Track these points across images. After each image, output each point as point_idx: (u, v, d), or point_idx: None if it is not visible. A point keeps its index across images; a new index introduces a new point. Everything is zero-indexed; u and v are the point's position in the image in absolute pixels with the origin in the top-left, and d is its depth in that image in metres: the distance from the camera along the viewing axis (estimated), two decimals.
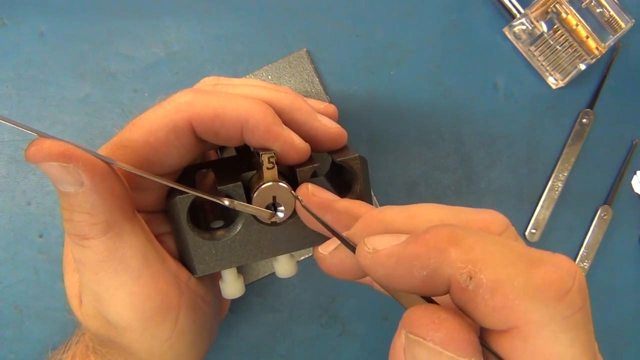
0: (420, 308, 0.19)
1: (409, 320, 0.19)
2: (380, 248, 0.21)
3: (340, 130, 0.32)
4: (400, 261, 0.20)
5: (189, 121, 0.27)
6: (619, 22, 0.43)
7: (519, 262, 0.18)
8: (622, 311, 0.47)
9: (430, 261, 0.19)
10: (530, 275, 0.18)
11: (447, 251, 0.19)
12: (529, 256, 0.19)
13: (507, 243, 0.19)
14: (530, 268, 0.18)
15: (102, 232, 0.26)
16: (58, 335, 0.40)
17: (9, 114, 0.41)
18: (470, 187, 0.46)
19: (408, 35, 0.45)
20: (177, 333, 0.30)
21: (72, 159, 0.24)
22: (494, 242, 0.19)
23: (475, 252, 0.19)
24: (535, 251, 0.19)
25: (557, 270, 0.18)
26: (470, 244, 0.19)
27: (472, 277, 0.18)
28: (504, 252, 0.19)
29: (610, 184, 0.47)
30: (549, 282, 0.18)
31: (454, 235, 0.19)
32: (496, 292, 0.18)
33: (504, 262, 0.18)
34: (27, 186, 0.41)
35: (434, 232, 0.20)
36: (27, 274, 0.41)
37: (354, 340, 0.45)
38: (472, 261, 0.18)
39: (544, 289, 0.18)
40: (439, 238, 0.19)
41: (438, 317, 0.18)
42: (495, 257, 0.18)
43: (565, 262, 0.19)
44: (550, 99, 0.46)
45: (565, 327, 0.17)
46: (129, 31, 0.42)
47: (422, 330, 0.18)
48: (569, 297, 0.18)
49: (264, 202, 0.29)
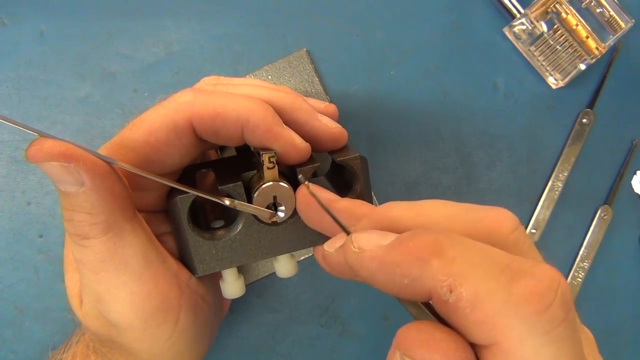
0: (414, 327, 0.19)
1: (402, 339, 0.19)
2: (366, 247, 0.21)
3: (341, 130, 0.32)
4: (382, 266, 0.20)
5: (190, 121, 0.27)
6: (619, 22, 0.43)
7: (501, 275, 0.18)
8: (622, 311, 0.47)
9: (412, 271, 0.19)
10: (510, 290, 0.17)
11: (429, 262, 0.19)
12: (512, 268, 0.18)
13: (490, 253, 0.19)
14: (511, 282, 0.18)
15: (102, 232, 0.26)
16: (58, 335, 0.40)
17: (9, 114, 0.41)
18: (470, 187, 0.46)
19: (408, 35, 0.45)
20: (178, 333, 0.30)
21: (72, 158, 0.24)
22: (477, 253, 0.19)
23: (457, 264, 0.18)
24: (520, 262, 0.19)
25: (537, 284, 0.18)
26: (452, 255, 0.19)
27: (452, 290, 0.18)
28: (486, 265, 0.18)
29: (610, 184, 0.47)
30: (529, 296, 0.17)
31: (437, 245, 0.19)
32: (476, 307, 0.18)
33: (485, 276, 0.18)
34: (27, 186, 0.41)
35: (417, 239, 0.19)
36: (27, 274, 0.41)
37: (354, 340, 0.45)
38: (453, 274, 0.18)
39: (524, 304, 0.17)
40: (422, 247, 0.19)
41: (433, 337, 0.18)
42: (477, 270, 0.18)
43: (547, 274, 0.18)
44: (550, 99, 0.46)
45: (547, 341, 0.17)
46: (129, 31, 0.42)
47: (417, 353, 0.18)
48: (550, 311, 0.17)
49: (265, 202, 0.29)
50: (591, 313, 0.47)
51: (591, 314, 0.47)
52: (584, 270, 0.47)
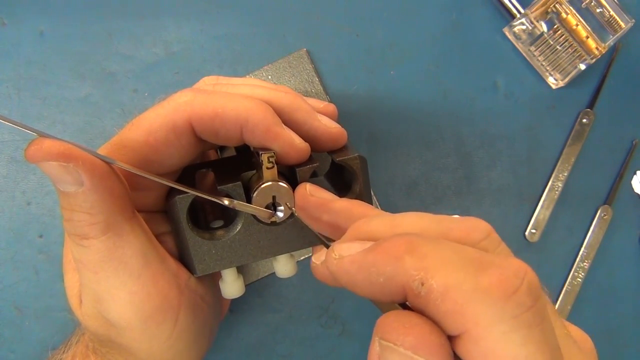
0: (392, 314, 0.19)
1: (381, 326, 0.19)
2: (345, 255, 0.22)
3: (340, 130, 0.32)
4: (360, 268, 0.21)
5: (189, 121, 0.27)
6: (619, 22, 0.43)
7: (469, 267, 0.19)
8: (622, 311, 0.47)
9: (387, 268, 0.20)
10: (477, 279, 0.18)
11: (403, 259, 0.19)
12: (480, 260, 0.19)
13: (461, 250, 0.20)
14: (479, 272, 0.18)
15: (101, 232, 0.26)
16: (58, 335, 0.40)
17: (9, 114, 0.41)
18: (470, 187, 0.46)
19: (408, 35, 0.45)
20: (177, 333, 0.30)
21: (71, 158, 0.24)
22: (448, 249, 0.20)
23: (428, 260, 0.19)
24: (488, 256, 0.19)
25: (503, 272, 0.18)
26: (424, 251, 0.19)
27: (423, 283, 0.19)
28: (455, 258, 0.19)
29: (610, 184, 0.47)
30: (495, 284, 0.18)
31: (411, 243, 0.20)
32: (446, 297, 0.18)
33: (454, 268, 0.19)
34: (27, 186, 0.41)
35: (393, 240, 0.20)
36: (27, 274, 0.41)
37: (354, 340, 0.45)
38: (425, 268, 0.19)
39: (491, 291, 0.18)
40: (396, 246, 0.20)
41: (409, 321, 0.19)
42: (447, 264, 0.19)
43: (514, 265, 0.19)
44: (550, 99, 0.46)
45: (516, 326, 0.18)
46: (129, 31, 0.42)
47: (393, 336, 0.18)
48: (516, 297, 0.18)
49: (264, 202, 0.29)
50: (591, 313, 0.47)
51: (591, 314, 0.47)
52: (584, 270, 0.47)
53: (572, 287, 0.46)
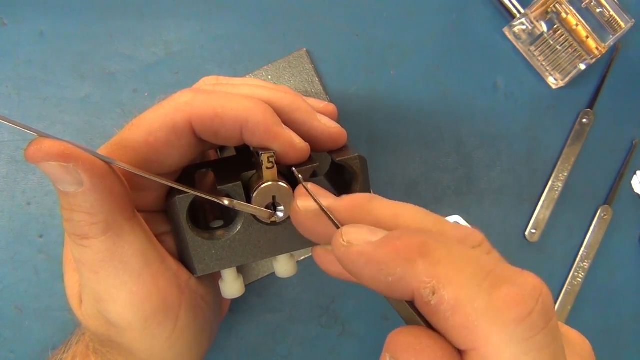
0: (404, 332, 0.19)
1: (392, 343, 0.19)
2: (354, 242, 0.21)
3: (340, 130, 0.32)
4: (369, 263, 0.20)
5: (189, 121, 0.27)
6: (619, 22, 0.43)
7: (484, 281, 0.18)
8: (622, 311, 0.47)
9: (397, 270, 0.19)
10: (491, 296, 0.17)
11: (415, 262, 0.19)
12: (495, 275, 0.18)
13: (477, 258, 0.19)
14: (493, 288, 0.18)
15: (102, 232, 0.26)
16: (58, 335, 0.40)
17: (9, 114, 0.41)
18: (470, 187, 0.46)
19: (408, 35, 0.45)
20: (178, 333, 0.30)
21: (71, 158, 0.24)
22: (463, 257, 0.19)
23: (441, 267, 0.18)
24: (504, 269, 0.19)
25: (519, 292, 0.18)
26: (438, 257, 0.19)
27: (434, 292, 0.18)
28: (470, 269, 0.18)
29: (610, 184, 0.47)
30: (510, 304, 0.17)
31: (425, 246, 0.19)
32: (456, 311, 0.18)
33: (468, 280, 0.18)
34: (27, 186, 0.41)
35: (406, 239, 0.20)
36: (27, 274, 0.41)
37: (354, 340, 0.45)
38: (437, 276, 0.18)
39: (505, 311, 0.17)
40: (410, 247, 0.19)
41: (420, 342, 0.18)
42: (460, 274, 0.18)
43: (530, 282, 0.18)
44: (550, 99, 0.46)
45: (527, 348, 0.17)
46: (129, 31, 0.42)
47: (404, 356, 0.18)
48: (530, 319, 0.17)
49: (264, 202, 0.29)
50: (591, 313, 0.47)
51: (591, 314, 0.47)
52: (584, 270, 0.47)
53: (572, 287, 0.46)
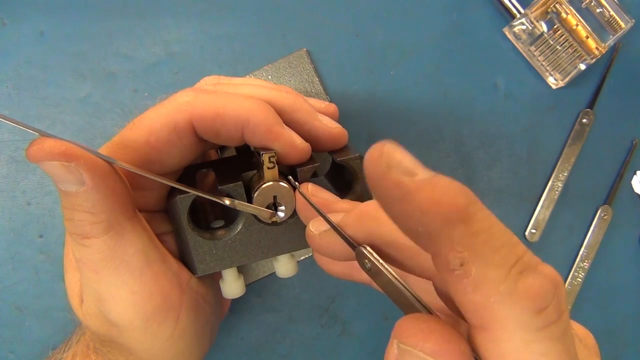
0: (411, 318, 0.19)
1: (399, 330, 0.19)
2: (394, 166, 0.19)
3: (341, 130, 0.32)
4: (404, 199, 0.17)
5: (190, 121, 0.27)
6: (619, 22, 0.43)
7: (513, 266, 0.18)
8: (622, 311, 0.47)
9: (433, 224, 0.17)
10: (517, 283, 0.17)
11: (454, 225, 0.17)
12: (524, 261, 0.18)
13: (513, 241, 0.18)
14: (519, 275, 0.18)
15: (103, 231, 0.26)
16: (58, 335, 0.40)
17: (9, 114, 0.41)
18: (470, 187, 0.45)
19: (408, 35, 0.45)
20: (178, 332, 0.30)
21: (73, 158, 0.24)
22: (501, 235, 0.18)
23: (479, 240, 0.17)
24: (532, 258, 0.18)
25: (542, 285, 0.18)
26: (477, 228, 0.17)
27: (463, 264, 0.17)
28: (505, 251, 0.18)
29: (610, 184, 0.47)
30: (532, 294, 0.17)
31: (469, 210, 0.17)
32: (479, 289, 0.17)
33: (500, 263, 0.17)
34: (27, 186, 0.41)
35: (453, 193, 0.17)
36: (27, 274, 0.41)
37: (354, 340, 0.45)
38: (471, 248, 0.17)
39: (525, 300, 0.17)
40: (454, 205, 0.17)
41: (428, 327, 0.18)
42: (494, 255, 0.17)
43: (551, 276, 0.18)
44: (550, 99, 0.46)
45: (540, 337, 0.17)
46: (129, 31, 0.42)
47: (412, 341, 0.18)
48: (546, 312, 0.17)
49: (265, 202, 0.29)
50: (591, 313, 0.47)
51: (591, 314, 0.47)
52: (584, 270, 0.47)
53: (572, 287, 0.47)
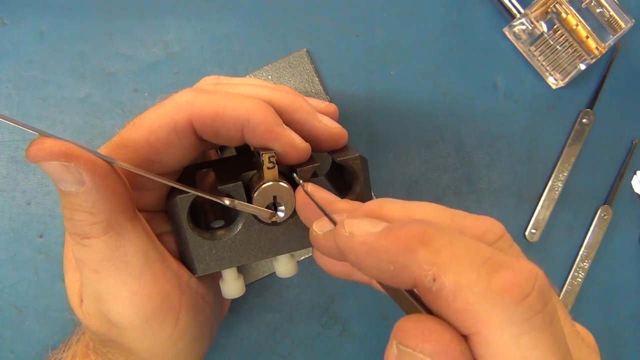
0: (411, 319, 0.19)
1: (399, 331, 0.19)
2: (356, 232, 0.21)
3: (341, 130, 0.32)
4: (371, 252, 0.20)
5: (190, 121, 0.27)
6: (619, 22, 0.43)
7: (482, 267, 0.18)
8: (622, 311, 0.47)
9: (398, 258, 0.19)
10: (490, 281, 0.18)
11: (415, 251, 0.19)
12: (492, 261, 0.19)
13: (476, 246, 0.20)
14: (491, 273, 0.18)
15: (103, 231, 0.26)
16: (58, 335, 0.40)
17: (9, 114, 0.41)
18: (470, 187, 0.46)
19: (408, 35, 0.45)
20: (178, 332, 0.30)
21: (73, 158, 0.24)
22: (462, 245, 0.19)
23: (442, 255, 0.19)
24: (501, 257, 0.19)
25: (516, 276, 0.18)
26: (439, 246, 0.19)
27: (435, 279, 0.18)
28: (469, 257, 0.19)
29: (610, 184, 0.47)
30: (507, 287, 0.18)
31: (425, 235, 0.19)
32: (457, 297, 0.18)
33: (468, 267, 0.18)
34: (27, 186, 0.41)
35: (407, 228, 0.20)
36: (27, 274, 0.41)
37: (354, 340, 0.45)
38: (438, 264, 0.19)
39: (503, 293, 0.18)
40: (410, 235, 0.20)
41: (428, 328, 0.18)
42: (460, 262, 0.19)
43: (525, 268, 0.19)
44: (550, 99, 0.46)
45: (526, 329, 0.18)
46: (129, 31, 0.42)
47: (412, 342, 0.18)
48: (527, 301, 0.18)
49: (265, 202, 0.29)
50: (591, 313, 0.47)
51: (591, 314, 0.47)
52: (584, 270, 0.47)
53: (572, 287, 0.47)
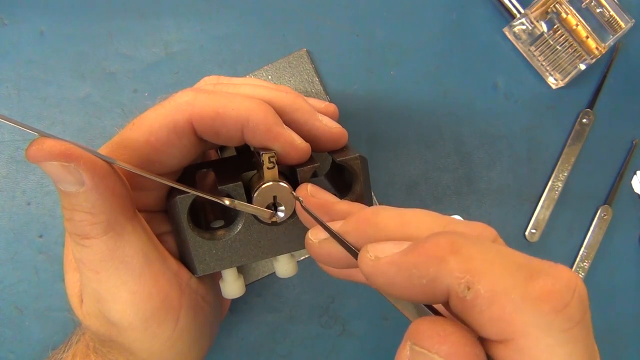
0: (427, 320, 0.19)
1: (414, 332, 0.19)
2: (382, 255, 0.21)
3: (341, 130, 0.32)
4: (400, 270, 0.20)
5: (190, 121, 0.27)
6: (619, 22, 0.43)
7: (518, 273, 0.18)
8: (622, 311, 0.47)
9: (430, 270, 0.19)
10: (527, 288, 0.18)
11: (446, 260, 0.19)
12: (528, 267, 0.18)
13: (506, 252, 0.19)
14: (529, 280, 0.18)
15: (103, 232, 0.26)
16: (58, 335, 0.40)
17: (9, 114, 0.41)
18: (470, 187, 0.46)
19: (408, 35, 0.45)
20: (178, 332, 0.30)
21: (73, 158, 0.24)
22: (493, 252, 0.19)
23: (474, 262, 0.18)
24: (535, 261, 0.19)
25: (555, 283, 0.18)
26: (469, 253, 0.19)
27: (469, 287, 0.18)
28: (503, 262, 0.18)
29: (610, 184, 0.47)
30: (547, 295, 0.17)
31: (454, 244, 0.19)
32: (493, 304, 0.18)
33: (502, 273, 0.18)
34: (27, 186, 0.41)
35: (434, 240, 0.19)
36: (27, 274, 0.41)
37: (354, 340, 0.45)
38: (471, 271, 0.18)
39: (542, 302, 0.17)
40: (439, 247, 0.19)
41: (444, 330, 0.18)
42: (494, 268, 0.18)
43: (565, 274, 0.18)
44: (550, 99, 0.46)
45: (563, 340, 0.17)
46: (129, 31, 0.42)
47: (427, 343, 0.18)
48: (567, 311, 0.17)
49: (265, 202, 0.29)
50: (591, 313, 0.47)
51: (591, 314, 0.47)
52: (584, 270, 0.47)
53: None
